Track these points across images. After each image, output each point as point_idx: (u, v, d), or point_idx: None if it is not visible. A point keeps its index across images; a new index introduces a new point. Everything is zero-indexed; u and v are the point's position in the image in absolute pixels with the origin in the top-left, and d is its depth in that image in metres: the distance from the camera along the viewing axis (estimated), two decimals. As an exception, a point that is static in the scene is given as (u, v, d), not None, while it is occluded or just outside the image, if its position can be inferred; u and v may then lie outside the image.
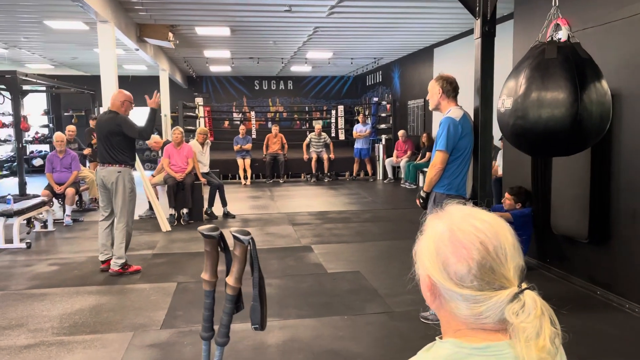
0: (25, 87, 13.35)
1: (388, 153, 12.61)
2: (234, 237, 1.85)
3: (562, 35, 3.24)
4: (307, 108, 17.67)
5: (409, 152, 11.76)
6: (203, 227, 1.84)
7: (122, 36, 7.86)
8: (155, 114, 5.25)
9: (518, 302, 0.85)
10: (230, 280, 1.90)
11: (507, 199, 5.21)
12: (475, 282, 0.87)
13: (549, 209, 4.74)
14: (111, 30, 6.89)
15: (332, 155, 12.50)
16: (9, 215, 6.10)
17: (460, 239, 0.89)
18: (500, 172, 6.89)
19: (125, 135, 5.03)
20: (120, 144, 5.02)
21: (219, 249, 1.90)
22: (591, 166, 4.16)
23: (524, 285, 0.88)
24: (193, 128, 12.96)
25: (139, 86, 15.97)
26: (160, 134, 14.38)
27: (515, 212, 5.03)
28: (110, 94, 6.86)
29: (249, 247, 1.83)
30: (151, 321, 3.87)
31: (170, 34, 8.98)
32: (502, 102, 3.04)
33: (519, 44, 5.20)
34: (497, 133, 4.36)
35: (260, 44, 11.16)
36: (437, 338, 0.98)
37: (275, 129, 12.58)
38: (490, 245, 0.88)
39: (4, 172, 14.45)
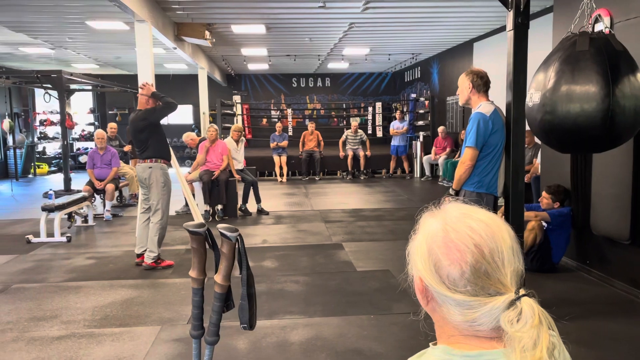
0: (72, 87, 13.89)
1: (426, 150, 12.41)
2: (221, 234, 1.81)
3: (602, 26, 3.07)
4: (344, 105, 17.60)
5: (447, 149, 11.52)
6: (189, 224, 1.81)
7: (160, 35, 8.01)
8: (157, 96, 5.34)
9: (514, 309, 0.79)
10: (219, 278, 1.88)
11: (545, 198, 5.01)
12: (469, 286, 0.81)
13: (589, 208, 4.54)
14: (148, 30, 7.03)
15: (368, 153, 12.40)
16: (50, 210, 6.32)
17: (453, 240, 0.84)
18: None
19: (152, 130, 5.16)
20: (148, 139, 5.15)
21: (207, 246, 1.87)
22: (633, 164, 3.94)
23: (521, 292, 0.81)
24: (230, 125, 13.12)
25: (179, 84, 16.40)
26: (199, 131, 14.66)
27: (553, 212, 4.83)
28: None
29: (237, 245, 1.79)
30: (179, 315, 3.92)
31: (207, 33, 9.09)
32: (530, 96, 2.91)
33: (559, 38, 4.98)
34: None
35: (296, 41, 11.17)
36: (430, 344, 0.92)
37: (311, 126, 12.58)
38: (486, 247, 0.82)
39: (53, 168, 15.06)
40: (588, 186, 4.60)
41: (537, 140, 7.18)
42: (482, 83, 3.51)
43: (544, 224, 4.81)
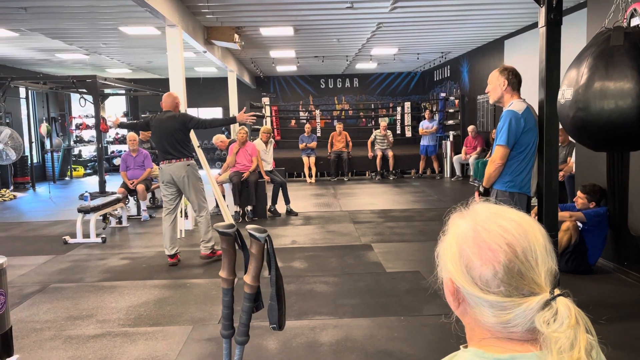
0: (106, 91, 14.24)
1: (456, 150, 12.24)
2: (250, 235, 1.82)
3: (637, 21, 2.98)
4: (372, 105, 17.53)
5: (478, 149, 11.34)
6: (219, 225, 1.83)
7: (190, 39, 8.14)
8: (230, 122, 5.85)
9: (550, 309, 0.77)
10: (248, 278, 1.89)
11: (580, 198, 4.88)
12: (502, 287, 0.80)
13: (626, 208, 4.41)
14: (179, 34, 7.15)
15: (390, 152, 12.26)
16: (86, 211, 6.50)
17: (485, 240, 0.82)
18: (574, 169, 6.49)
19: (187, 133, 5.44)
20: (184, 140, 5.41)
21: (237, 247, 1.88)
22: (674, 162, 3.81)
23: (556, 292, 0.79)
24: (259, 127, 13.22)
25: (209, 87, 16.65)
26: (229, 133, 14.83)
27: (588, 212, 4.70)
28: (178, 95, 7.18)
29: (265, 245, 1.80)
30: (210, 315, 3.97)
31: (236, 36, 9.19)
32: (562, 92, 2.84)
33: (593, 34, 4.84)
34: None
35: (324, 42, 11.19)
36: (461, 347, 0.91)
37: (339, 126, 12.58)
38: (519, 246, 0.81)
39: (88, 171, 15.48)
40: (625, 185, 4.46)
41: (571, 138, 7.01)
42: (516, 81, 3.46)
43: (579, 224, 4.69)
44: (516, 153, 3.44)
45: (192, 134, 7.14)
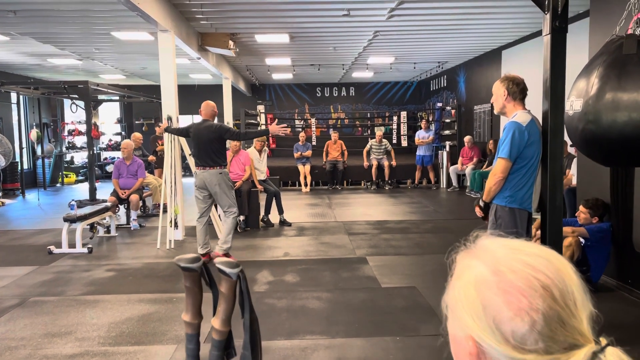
0: (100, 97, 14.06)
1: (452, 160, 12.11)
2: (219, 270, 1.54)
3: (646, 28, 2.83)
4: (368, 114, 17.41)
5: (475, 159, 11.21)
6: (180, 258, 1.58)
7: (184, 45, 7.99)
8: (264, 134, 6.25)
9: None
10: (217, 322, 1.59)
11: (582, 213, 4.72)
12: (541, 342, 0.63)
13: (631, 223, 4.24)
14: (171, 40, 6.99)
15: (394, 162, 12.17)
16: (72, 220, 6.29)
17: (513, 283, 0.65)
18: (574, 181, 6.35)
19: (223, 142, 5.71)
20: (221, 149, 5.67)
21: (205, 283, 1.66)
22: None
23: (603, 341, 0.63)
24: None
25: (204, 95, 16.42)
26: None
27: (591, 227, 4.55)
28: (170, 101, 7.02)
29: (238, 283, 1.55)
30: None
31: (231, 42, 9.05)
32: (571, 104, 2.67)
33: (596, 44, 4.72)
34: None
35: (320, 50, 11.06)
36: None
37: (334, 135, 12.43)
38: (555, 288, 0.65)
39: (80, 177, 15.24)
40: (629, 199, 4.31)
41: (569, 149, 6.87)
42: (518, 90, 3.29)
43: (582, 240, 4.53)
44: (518, 167, 3.28)
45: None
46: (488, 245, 0.73)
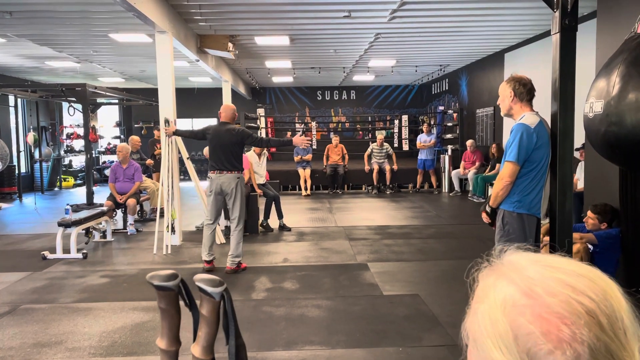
0: (98, 100, 13.93)
1: (454, 164, 11.98)
2: (200, 289, 1.27)
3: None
4: (369, 118, 17.29)
5: (477, 163, 11.08)
6: (154, 275, 1.37)
7: (182, 47, 7.87)
8: (287, 144, 5.92)
9: None
10: (197, 349, 1.34)
11: (590, 218, 4.58)
12: None
13: (641, 230, 4.10)
14: (169, 41, 6.87)
15: (395, 166, 12.04)
16: (67, 225, 6.15)
17: (552, 308, 0.53)
18: (580, 185, 6.21)
19: (243, 147, 5.59)
20: (239, 153, 5.54)
21: (184, 304, 1.46)
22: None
23: None
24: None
25: (203, 98, 16.35)
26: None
27: (600, 233, 4.41)
28: (167, 104, 6.88)
29: (222, 304, 1.31)
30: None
31: (230, 45, 8.93)
32: (591, 105, 2.54)
33: (604, 44, 4.59)
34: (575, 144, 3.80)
35: (321, 53, 10.95)
36: None
37: (335, 139, 12.31)
38: (602, 315, 0.53)
39: (78, 181, 15.11)
40: (639, 205, 4.17)
41: (575, 155, 6.74)
42: (525, 91, 3.16)
43: (590, 246, 4.39)
44: (526, 170, 3.15)
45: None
46: (517, 261, 0.61)
